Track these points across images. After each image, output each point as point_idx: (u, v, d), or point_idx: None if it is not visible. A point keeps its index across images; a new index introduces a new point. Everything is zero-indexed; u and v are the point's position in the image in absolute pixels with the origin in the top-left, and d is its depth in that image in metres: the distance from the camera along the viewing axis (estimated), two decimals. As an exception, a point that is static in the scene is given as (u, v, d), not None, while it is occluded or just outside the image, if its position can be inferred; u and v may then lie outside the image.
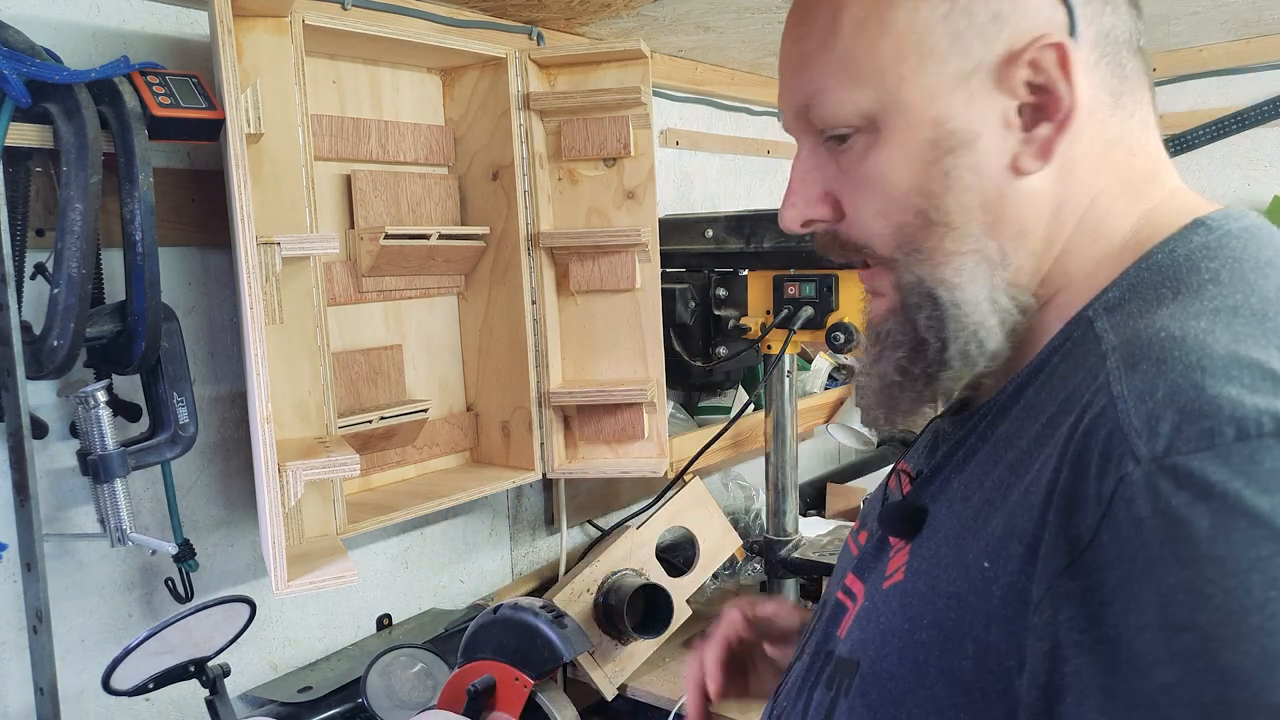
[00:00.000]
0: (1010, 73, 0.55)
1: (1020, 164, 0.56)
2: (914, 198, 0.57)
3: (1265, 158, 2.14)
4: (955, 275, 0.57)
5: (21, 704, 1.06)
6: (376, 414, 1.31)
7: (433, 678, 1.22)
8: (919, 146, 0.57)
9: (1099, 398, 0.47)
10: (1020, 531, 0.48)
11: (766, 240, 1.51)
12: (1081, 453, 0.45)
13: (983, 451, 0.57)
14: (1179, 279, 0.52)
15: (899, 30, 0.56)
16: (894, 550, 0.60)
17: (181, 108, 1.02)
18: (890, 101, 0.57)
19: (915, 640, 0.53)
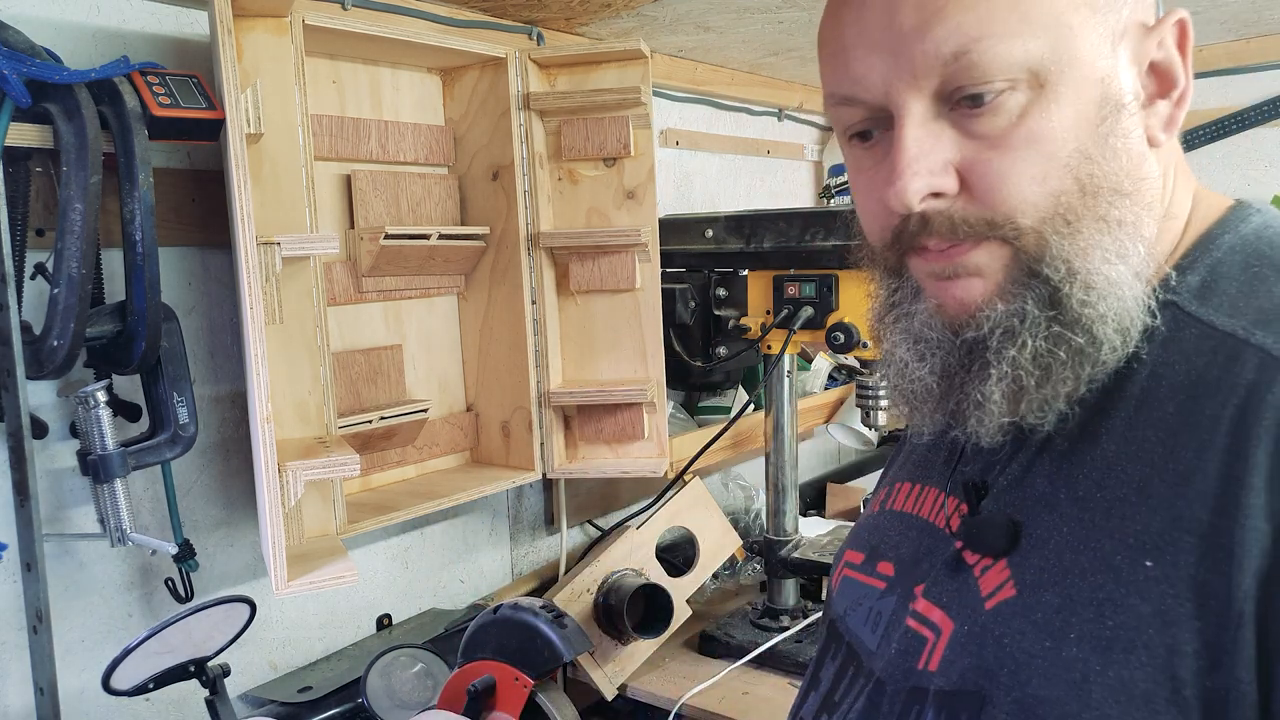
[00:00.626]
0: (1144, 44, 0.54)
1: (1152, 135, 0.55)
2: (1076, 163, 0.53)
3: (1265, 158, 2.14)
4: (1104, 248, 0.53)
5: (21, 704, 1.06)
6: (376, 414, 1.31)
7: (433, 678, 1.22)
8: (1088, 106, 0.52)
9: (1269, 374, 0.46)
10: (1188, 522, 0.47)
11: (766, 240, 1.51)
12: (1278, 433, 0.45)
13: (1080, 450, 0.54)
14: (1266, 258, 0.53)
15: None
16: (981, 568, 0.57)
17: (181, 108, 1.02)
18: (1064, 52, 0.52)
19: (1064, 657, 0.50)
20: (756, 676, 1.44)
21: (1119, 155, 0.53)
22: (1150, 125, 0.55)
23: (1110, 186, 0.53)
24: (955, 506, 0.62)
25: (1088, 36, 0.52)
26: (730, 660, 1.47)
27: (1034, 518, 0.55)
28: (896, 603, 0.63)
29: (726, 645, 1.51)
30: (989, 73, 0.52)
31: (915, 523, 0.66)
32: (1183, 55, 0.54)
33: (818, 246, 1.46)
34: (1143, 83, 0.55)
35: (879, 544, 0.69)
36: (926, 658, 0.58)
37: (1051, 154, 0.52)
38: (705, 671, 1.45)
